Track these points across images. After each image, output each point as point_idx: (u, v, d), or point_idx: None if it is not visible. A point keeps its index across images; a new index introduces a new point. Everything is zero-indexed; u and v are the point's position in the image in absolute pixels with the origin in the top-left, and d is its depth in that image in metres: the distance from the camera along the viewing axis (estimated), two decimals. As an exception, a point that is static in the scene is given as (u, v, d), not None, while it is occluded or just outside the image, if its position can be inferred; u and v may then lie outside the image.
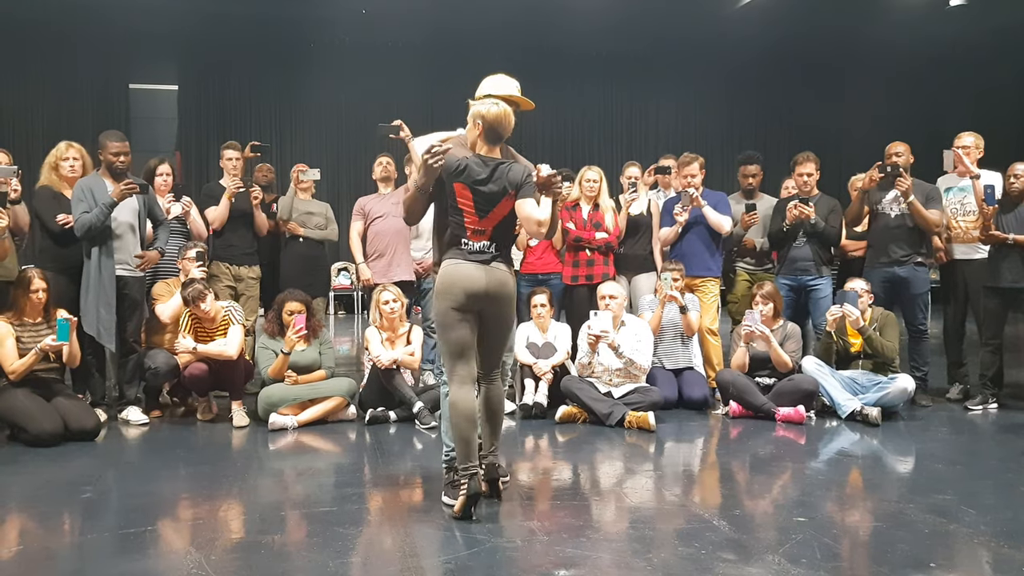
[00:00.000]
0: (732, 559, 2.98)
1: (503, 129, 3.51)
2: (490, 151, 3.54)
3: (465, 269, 3.46)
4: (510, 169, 3.51)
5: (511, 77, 3.78)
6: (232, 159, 6.23)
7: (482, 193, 3.47)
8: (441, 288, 3.48)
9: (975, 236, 5.65)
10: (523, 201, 3.48)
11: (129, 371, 5.35)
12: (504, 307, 3.55)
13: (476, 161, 3.49)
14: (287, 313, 5.34)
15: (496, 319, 3.55)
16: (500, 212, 3.50)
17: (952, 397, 5.90)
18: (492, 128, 3.50)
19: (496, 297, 3.49)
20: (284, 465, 4.50)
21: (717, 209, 5.87)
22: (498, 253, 3.52)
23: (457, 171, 3.47)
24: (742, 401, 5.32)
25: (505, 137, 3.54)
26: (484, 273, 3.46)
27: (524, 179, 3.49)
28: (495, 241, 3.52)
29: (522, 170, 3.52)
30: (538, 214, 3.47)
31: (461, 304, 3.44)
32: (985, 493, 3.83)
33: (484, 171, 3.48)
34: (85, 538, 3.32)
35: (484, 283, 3.45)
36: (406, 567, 2.93)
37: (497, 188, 3.47)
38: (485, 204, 3.48)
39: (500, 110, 3.49)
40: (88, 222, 5.01)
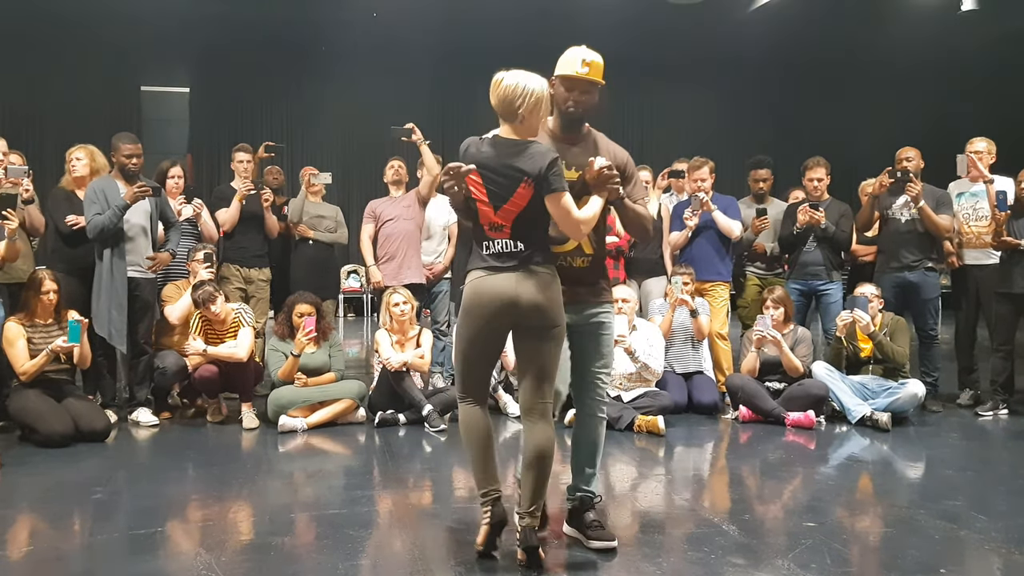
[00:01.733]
0: (741, 564, 2.97)
1: (504, 104, 2.93)
2: (509, 130, 2.98)
3: (491, 283, 2.91)
4: (528, 153, 2.90)
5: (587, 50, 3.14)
6: (243, 161, 6.26)
7: (491, 179, 2.93)
8: (466, 307, 2.99)
9: (987, 241, 5.63)
10: (553, 196, 2.87)
11: (140, 373, 5.38)
12: (545, 319, 2.91)
13: (488, 141, 3.00)
14: (297, 315, 5.36)
15: (537, 335, 2.93)
16: (517, 203, 2.91)
17: (963, 403, 5.87)
18: (502, 103, 2.95)
19: (533, 309, 2.88)
20: (293, 467, 4.51)
21: (727, 213, 5.87)
22: (529, 252, 2.91)
23: (464, 155, 3.00)
24: (752, 406, 5.31)
25: (514, 115, 2.93)
26: (514, 282, 2.88)
27: (548, 170, 2.86)
28: (519, 239, 2.92)
29: (543, 157, 2.88)
30: (576, 211, 2.90)
31: (487, 326, 2.94)
32: (996, 499, 3.81)
33: (491, 152, 2.95)
34: (95, 539, 3.34)
35: (515, 294, 2.87)
36: (415, 570, 2.93)
37: (508, 174, 2.90)
38: (498, 191, 2.92)
39: (497, 80, 2.96)
40: (101, 224, 5.04)
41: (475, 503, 3.70)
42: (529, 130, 2.96)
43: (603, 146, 3.20)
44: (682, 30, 12.58)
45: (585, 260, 3.15)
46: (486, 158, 2.95)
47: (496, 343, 3.04)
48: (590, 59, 3.11)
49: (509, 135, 2.98)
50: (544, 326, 2.92)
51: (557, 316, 2.95)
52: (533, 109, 2.92)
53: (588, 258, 3.15)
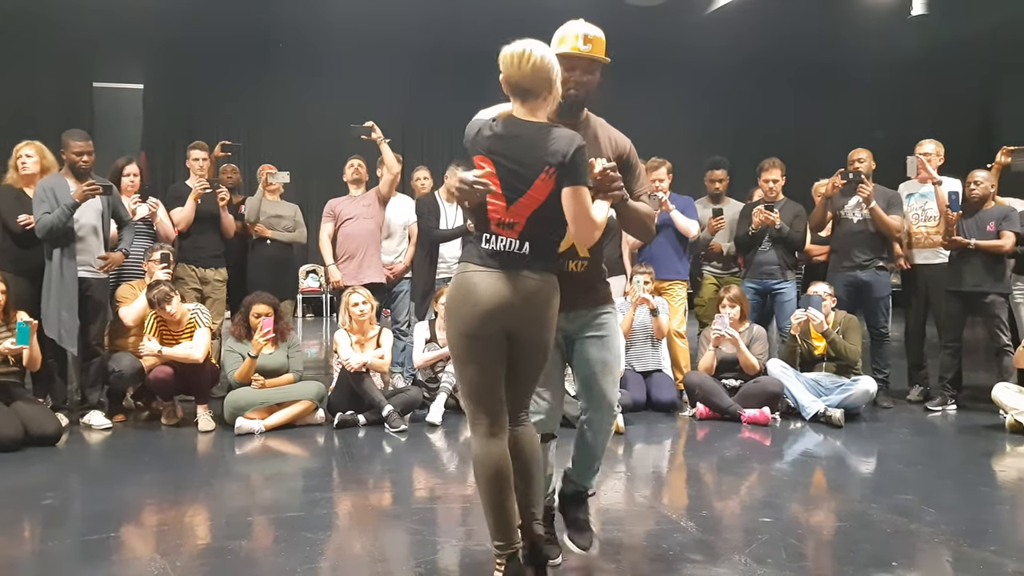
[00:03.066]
0: (700, 560, 3.01)
1: (523, 80, 2.52)
2: (525, 111, 2.56)
3: (480, 280, 2.53)
4: (550, 137, 2.50)
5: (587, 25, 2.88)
6: (199, 159, 6.17)
7: (506, 167, 2.52)
8: (449, 307, 2.62)
9: (936, 241, 5.76)
10: (573, 190, 2.48)
11: (92, 375, 5.27)
12: (539, 330, 2.59)
13: (502, 123, 2.57)
14: (254, 316, 5.31)
15: (527, 345, 2.60)
16: (536, 197, 2.51)
17: (913, 399, 6.00)
18: (508, 78, 2.55)
19: (527, 315, 2.55)
20: (251, 470, 4.46)
21: (685, 213, 5.93)
22: (531, 257, 2.55)
23: (476, 139, 2.60)
24: (709, 403, 5.38)
25: (534, 92, 2.53)
26: (508, 284, 2.52)
27: (574, 156, 2.47)
28: (528, 240, 2.54)
29: (571, 140, 2.49)
30: (597, 214, 2.55)
31: (476, 328, 2.54)
32: (945, 493, 3.91)
33: (507, 136, 2.54)
34: (47, 546, 3.27)
35: (508, 297, 2.51)
36: (375, 572, 2.92)
37: (527, 160, 2.50)
38: (514, 182, 2.52)
39: (513, 51, 2.52)
40: (49, 223, 4.94)
41: (436, 503, 3.72)
42: (547, 111, 2.59)
43: (603, 135, 2.92)
44: (641, 31, 12.66)
45: (580, 264, 2.82)
46: (502, 143, 2.54)
47: (494, 349, 2.58)
48: (592, 34, 2.81)
49: (526, 117, 2.56)
50: (537, 339, 2.61)
51: (552, 329, 2.64)
52: (549, 77, 2.53)
53: (584, 261, 2.83)
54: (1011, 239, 5.39)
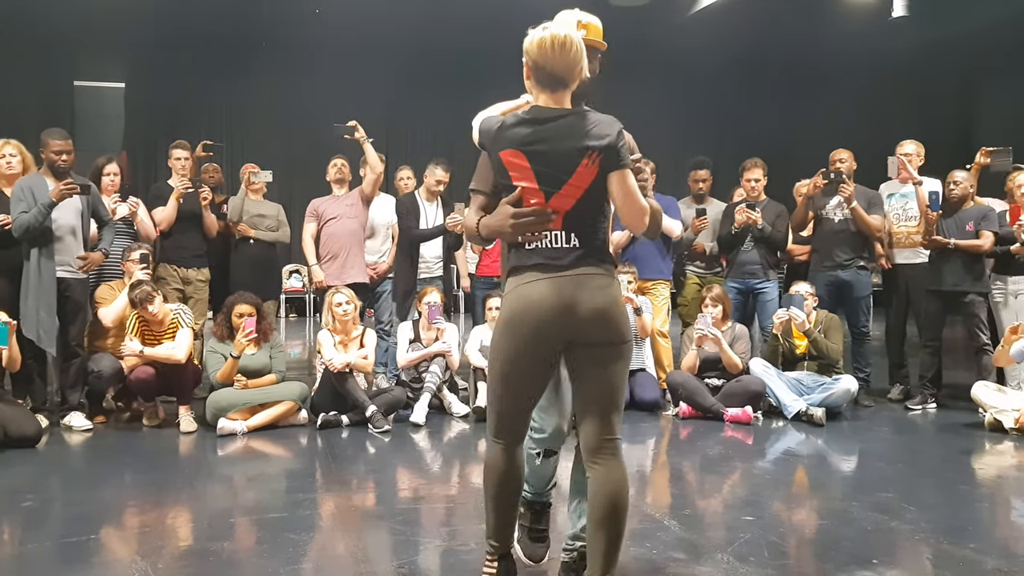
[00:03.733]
0: (683, 558, 3.02)
1: (555, 66, 2.34)
2: (553, 101, 2.39)
3: (538, 290, 2.33)
4: (590, 121, 2.35)
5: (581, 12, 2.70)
6: (181, 159, 6.13)
7: (542, 158, 2.34)
8: (506, 320, 2.40)
9: (916, 241, 5.81)
10: (622, 173, 2.34)
11: (72, 375, 5.23)
12: (608, 332, 2.36)
13: (529, 115, 2.39)
14: (237, 316, 5.28)
15: (599, 353, 2.37)
16: (579, 185, 2.34)
17: (893, 397, 6.05)
18: (539, 65, 2.36)
19: (594, 319, 2.33)
20: (233, 471, 4.44)
21: (668, 213, 5.92)
22: (585, 249, 2.37)
23: (500, 135, 2.39)
24: (692, 402, 5.40)
25: (567, 79, 2.36)
26: (569, 287, 2.33)
27: (618, 139, 2.34)
28: (575, 231, 2.37)
29: (612, 124, 2.36)
30: (642, 199, 2.39)
31: (532, 346, 2.35)
32: (926, 491, 3.94)
33: (542, 125, 2.35)
34: (26, 548, 3.23)
35: (571, 302, 2.32)
36: (358, 572, 2.92)
37: (567, 148, 2.33)
38: (553, 172, 2.34)
39: (545, 35, 2.33)
40: (26, 223, 4.89)
41: (419, 504, 3.72)
42: (568, 102, 2.42)
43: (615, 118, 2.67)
44: (624, 31, 12.67)
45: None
46: (537, 133, 2.35)
47: (543, 366, 2.41)
48: (586, 20, 2.65)
49: (552, 105, 2.40)
50: (610, 342, 2.37)
51: (624, 329, 2.40)
52: (575, 58, 2.36)
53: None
54: (990, 239, 5.45)
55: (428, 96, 13.82)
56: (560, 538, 2.85)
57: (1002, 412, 4.99)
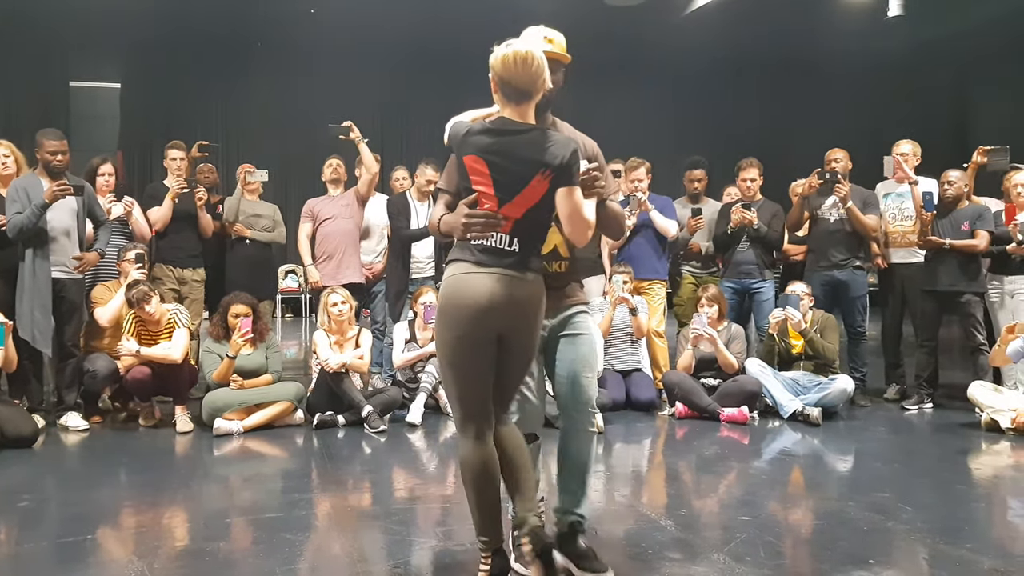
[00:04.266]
0: (679, 558, 3.02)
1: (519, 80, 2.53)
2: (519, 115, 2.58)
3: (474, 282, 2.53)
4: (548, 140, 2.55)
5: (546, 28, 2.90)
6: (176, 159, 6.12)
7: (501, 167, 2.54)
8: (443, 309, 2.60)
9: (912, 241, 5.82)
10: (570, 191, 2.54)
11: (68, 376, 5.22)
12: (529, 334, 2.63)
13: (493, 125, 2.60)
14: (233, 316, 5.27)
15: (516, 348, 2.63)
16: (530, 197, 2.55)
17: (890, 397, 6.05)
18: (504, 80, 2.54)
19: (520, 318, 2.58)
20: (229, 471, 4.43)
21: (664, 213, 5.96)
22: (521, 254, 2.57)
23: (466, 140, 2.59)
24: (688, 402, 5.40)
25: (530, 92, 2.55)
26: (501, 286, 2.52)
27: (570, 159, 2.53)
28: (518, 237, 2.57)
29: (566, 145, 2.55)
30: (589, 212, 2.58)
31: (471, 334, 2.55)
32: (922, 491, 3.94)
33: (504, 137, 2.55)
34: (22, 548, 3.23)
35: (504, 299, 2.52)
36: (354, 572, 2.92)
37: (524, 162, 2.53)
38: (509, 182, 2.54)
39: (510, 52, 2.50)
40: (20, 223, 4.88)
41: (415, 503, 3.72)
42: (531, 113, 2.62)
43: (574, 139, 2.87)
44: (619, 31, 12.71)
45: (562, 264, 2.88)
46: (499, 144, 2.55)
47: (483, 348, 2.57)
48: (551, 35, 2.84)
49: (517, 118, 2.59)
50: (527, 342, 2.65)
51: (537, 333, 2.68)
52: (540, 76, 2.55)
53: (565, 262, 2.89)
54: (985, 238, 5.45)
55: (423, 96, 13.80)
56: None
57: (998, 412, 5.00)
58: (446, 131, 2.73)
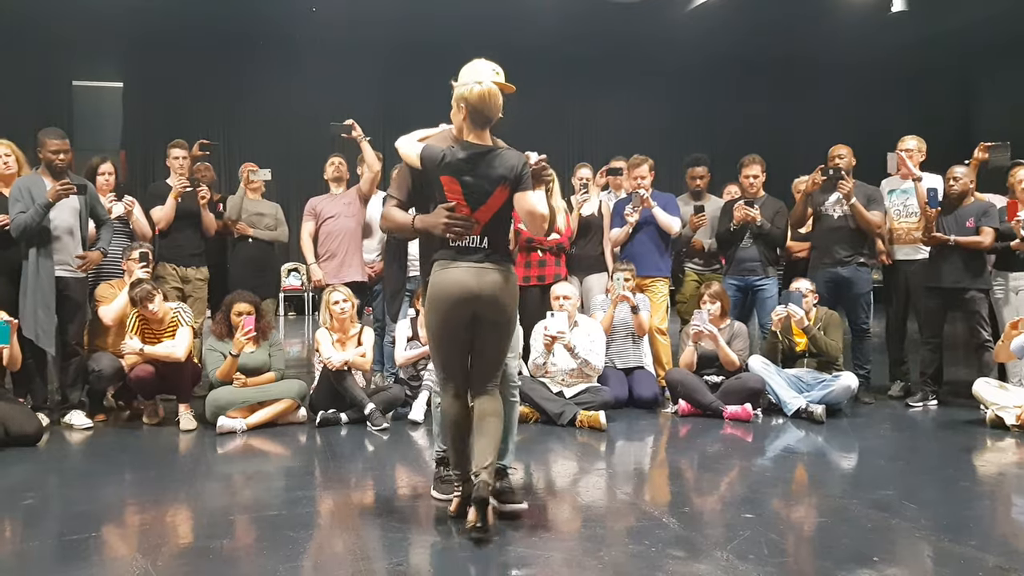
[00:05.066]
0: (681, 556, 3.01)
1: (489, 111, 3.18)
2: (479, 137, 3.23)
3: (455, 275, 3.17)
4: (502, 157, 3.21)
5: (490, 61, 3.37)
6: (179, 158, 6.12)
7: (470, 184, 3.17)
8: (431, 297, 3.22)
9: (917, 237, 5.80)
10: (523, 194, 3.19)
11: (72, 374, 5.23)
12: (500, 313, 3.21)
13: (462, 149, 3.20)
14: (236, 315, 5.27)
15: (491, 326, 3.22)
16: (493, 205, 3.21)
17: (894, 394, 6.04)
18: (477, 110, 3.17)
19: (491, 302, 3.18)
20: (232, 469, 4.44)
21: (666, 210, 5.95)
22: (492, 251, 3.21)
23: (442, 163, 3.19)
24: (691, 400, 5.39)
25: (493, 120, 3.21)
26: (476, 276, 3.16)
27: (522, 170, 3.19)
28: (488, 236, 3.21)
29: (518, 159, 3.21)
30: (541, 208, 3.21)
31: (452, 316, 3.19)
32: (926, 488, 3.93)
33: (471, 160, 3.18)
34: (27, 546, 3.24)
35: (477, 287, 3.16)
36: (357, 570, 2.91)
37: (488, 178, 3.18)
38: (476, 195, 3.18)
39: (483, 89, 3.15)
40: (23, 223, 4.89)
41: (418, 501, 3.72)
42: (488, 135, 3.26)
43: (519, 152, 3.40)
44: (621, 28, 12.70)
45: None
46: (465, 166, 3.19)
47: (463, 331, 3.24)
48: (498, 69, 3.30)
49: (479, 141, 3.23)
50: (499, 320, 3.24)
51: (512, 311, 3.27)
52: (495, 108, 3.20)
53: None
54: (990, 235, 5.43)
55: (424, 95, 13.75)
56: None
57: (1003, 409, 4.99)
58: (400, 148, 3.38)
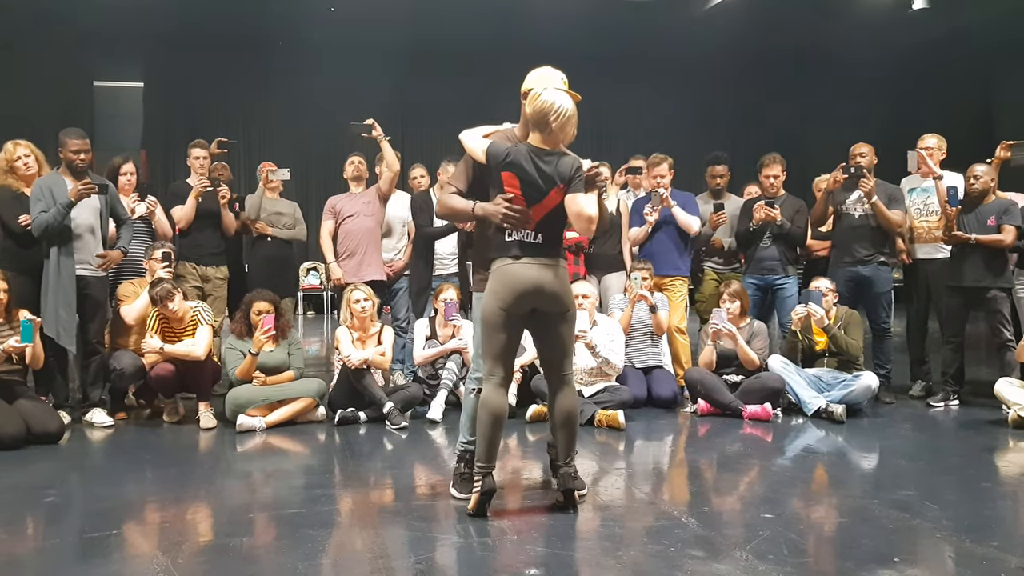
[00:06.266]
0: (700, 556, 3.00)
1: (540, 116, 3.37)
2: (541, 140, 3.42)
3: (519, 269, 3.37)
4: (560, 161, 3.41)
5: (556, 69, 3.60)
6: (200, 158, 6.16)
7: (529, 182, 3.38)
8: (493, 289, 3.41)
9: (938, 236, 5.74)
10: (574, 196, 3.38)
11: (93, 373, 5.28)
12: (560, 305, 3.42)
13: (525, 149, 3.42)
14: (255, 313, 5.30)
15: (556, 318, 3.43)
16: (548, 204, 3.41)
17: (915, 394, 5.99)
18: (538, 116, 3.38)
19: (552, 296, 3.39)
20: (252, 467, 4.46)
21: (686, 209, 5.93)
22: (546, 244, 3.42)
23: (505, 160, 3.40)
24: (710, 399, 5.37)
25: (551, 126, 3.38)
26: (536, 271, 3.37)
27: (574, 173, 3.39)
28: (541, 232, 3.41)
29: (571, 163, 3.42)
30: (589, 210, 3.38)
31: (510, 305, 3.36)
32: (947, 489, 3.90)
33: (532, 160, 3.39)
34: (49, 543, 3.27)
35: (539, 282, 3.36)
36: (376, 568, 2.92)
37: (545, 179, 3.38)
38: (534, 193, 3.38)
39: (533, 94, 3.41)
40: (45, 222, 4.94)
41: (436, 500, 3.73)
42: (556, 141, 3.42)
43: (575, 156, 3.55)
44: (639, 27, 12.67)
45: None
46: (529, 164, 3.38)
47: (519, 324, 3.44)
48: (563, 76, 3.56)
49: (541, 144, 3.41)
50: (560, 311, 3.43)
51: (570, 302, 3.47)
52: (564, 125, 3.38)
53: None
54: (1012, 233, 5.37)
55: (442, 95, 13.83)
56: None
57: (1025, 408, 4.94)
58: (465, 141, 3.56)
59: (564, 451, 3.49)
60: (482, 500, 3.40)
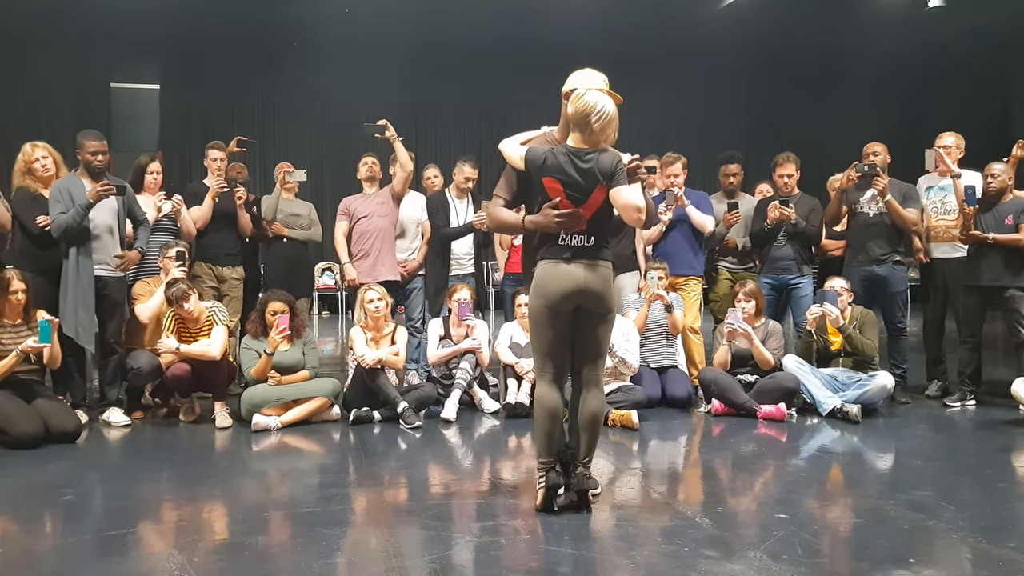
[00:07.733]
0: (715, 556, 3.00)
1: (581, 117, 3.39)
2: (581, 141, 3.44)
3: (565, 269, 3.40)
4: (599, 159, 3.43)
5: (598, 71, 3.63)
6: (217, 159, 6.19)
7: (571, 184, 3.40)
8: (537, 286, 3.46)
9: (955, 235, 5.70)
10: (619, 189, 3.39)
11: (110, 372, 5.32)
12: (603, 305, 3.45)
13: (562, 151, 3.44)
14: (270, 313, 5.33)
15: (597, 318, 3.46)
16: (593, 204, 3.42)
17: (931, 394, 5.95)
18: (580, 116, 3.40)
19: (596, 296, 3.41)
20: (267, 466, 4.49)
21: (700, 208, 5.92)
22: (597, 246, 3.45)
23: (544, 165, 3.43)
24: (724, 399, 5.35)
25: (592, 127, 3.39)
26: (582, 271, 3.40)
27: (616, 167, 3.41)
28: (592, 234, 3.44)
29: (612, 158, 3.43)
30: (637, 200, 3.38)
31: (555, 303, 3.40)
32: (963, 489, 3.87)
33: (571, 161, 3.41)
34: (66, 541, 3.30)
35: (584, 282, 3.39)
36: (390, 567, 2.93)
37: (588, 178, 3.40)
38: (578, 194, 3.40)
39: (575, 95, 3.42)
40: (64, 223, 4.98)
41: (451, 499, 3.74)
42: (597, 142, 3.43)
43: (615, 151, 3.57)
44: (653, 25, 12.64)
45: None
46: (569, 167, 3.41)
47: (567, 322, 3.46)
48: (605, 78, 3.61)
49: (580, 144, 3.44)
50: (602, 312, 3.46)
51: (612, 303, 3.51)
52: (605, 127, 3.41)
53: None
54: (1030, 232, 5.33)
55: (456, 95, 13.85)
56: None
57: (1043, 409, 4.90)
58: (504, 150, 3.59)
59: (584, 452, 3.49)
60: (548, 495, 3.43)
